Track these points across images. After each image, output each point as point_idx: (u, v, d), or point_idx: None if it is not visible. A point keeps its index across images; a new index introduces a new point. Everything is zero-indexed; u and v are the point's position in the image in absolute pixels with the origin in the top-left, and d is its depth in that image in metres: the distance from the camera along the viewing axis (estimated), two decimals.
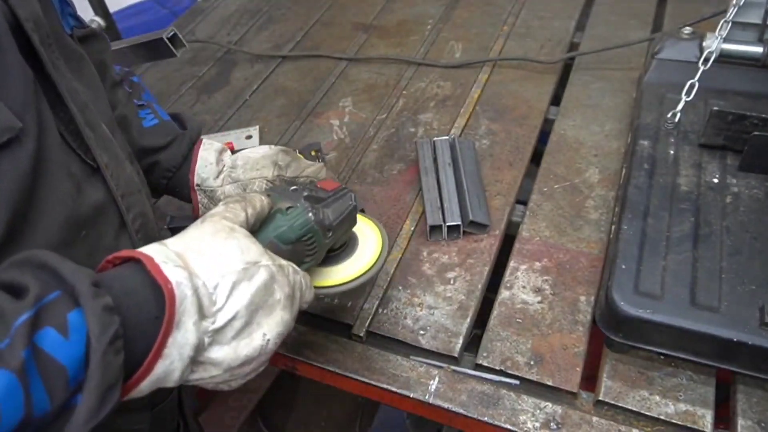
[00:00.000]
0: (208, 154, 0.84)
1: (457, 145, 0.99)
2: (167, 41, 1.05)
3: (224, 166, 0.84)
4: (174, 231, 0.95)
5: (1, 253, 0.47)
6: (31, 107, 0.51)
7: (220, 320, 0.50)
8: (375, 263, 0.70)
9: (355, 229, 0.71)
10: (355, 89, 1.21)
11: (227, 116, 1.20)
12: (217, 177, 0.84)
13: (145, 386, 0.47)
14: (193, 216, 0.87)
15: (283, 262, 0.57)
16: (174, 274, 0.47)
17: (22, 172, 0.48)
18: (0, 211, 0.47)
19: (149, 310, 0.46)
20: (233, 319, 0.50)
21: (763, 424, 0.67)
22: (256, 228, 0.60)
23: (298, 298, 0.58)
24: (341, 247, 0.70)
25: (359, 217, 0.72)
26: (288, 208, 0.61)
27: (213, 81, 1.30)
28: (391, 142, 1.08)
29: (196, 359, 0.49)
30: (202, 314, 0.48)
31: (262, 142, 1.13)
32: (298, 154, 0.88)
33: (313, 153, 1.06)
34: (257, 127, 1.15)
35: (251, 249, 0.54)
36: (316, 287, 0.65)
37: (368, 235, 0.73)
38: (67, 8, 0.65)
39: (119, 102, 0.83)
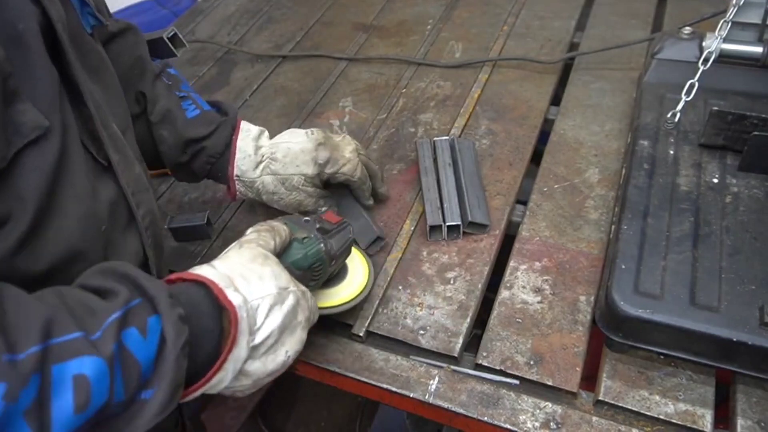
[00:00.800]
0: (245, 144, 0.86)
1: (457, 145, 0.99)
2: (167, 41, 1.04)
3: (263, 156, 0.86)
4: (174, 231, 0.95)
5: (25, 246, 0.50)
6: (57, 107, 0.53)
7: (258, 338, 0.56)
8: (365, 286, 0.80)
9: None
10: (355, 89, 1.21)
11: None
12: (256, 168, 0.86)
13: (199, 393, 0.54)
14: (230, 196, 0.89)
15: (303, 287, 0.64)
16: (235, 298, 0.54)
17: (48, 168, 0.51)
18: (27, 205, 0.50)
19: (208, 325, 0.53)
20: (268, 337, 0.57)
21: (762, 424, 0.67)
22: (279, 255, 0.66)
23: (311, 320, 0.65)
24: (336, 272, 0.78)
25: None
26: (304, 239, 0.69)
27: (213, 81, 1.30)
28: (391, 142, 1.08)
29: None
30: (250, 332, 0.55)
31: None
32: (335, 139, 0.89)
33: None
34: None
35: (282, 275, 0.61)
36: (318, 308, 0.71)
37: (356, 260, 0.82)
38: (87, 8, 0.65)
39: (161, 95, 0.85)
